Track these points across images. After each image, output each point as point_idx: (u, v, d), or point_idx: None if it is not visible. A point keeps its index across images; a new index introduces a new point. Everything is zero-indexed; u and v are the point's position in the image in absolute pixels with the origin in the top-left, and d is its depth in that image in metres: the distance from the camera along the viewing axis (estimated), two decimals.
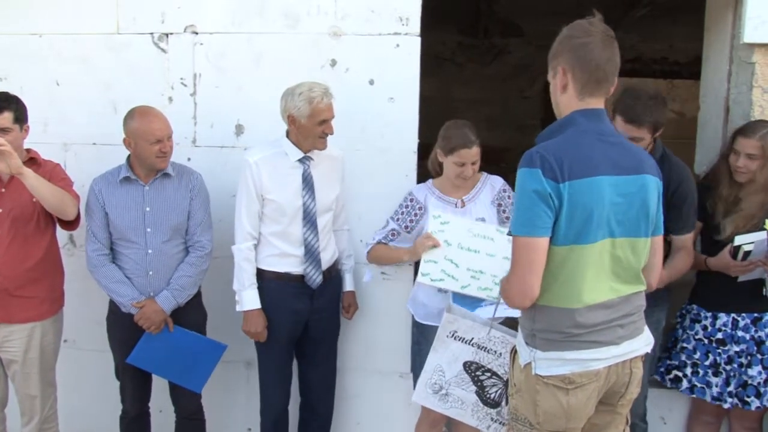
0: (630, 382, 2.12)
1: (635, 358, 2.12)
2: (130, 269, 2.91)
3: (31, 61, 3.32)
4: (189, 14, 3.23)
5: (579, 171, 1.92)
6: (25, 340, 2.86)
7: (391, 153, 3.19)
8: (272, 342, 2.98)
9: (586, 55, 1.98)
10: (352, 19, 3.16)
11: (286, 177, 2.90)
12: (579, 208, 1.92)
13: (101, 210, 2.89)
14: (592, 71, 1.98)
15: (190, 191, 2.94)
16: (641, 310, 2.14)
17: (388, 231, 3.01)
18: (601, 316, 2.02)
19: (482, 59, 7.02)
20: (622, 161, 2.01)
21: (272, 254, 2.95)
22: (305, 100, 2.77)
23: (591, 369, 2.01)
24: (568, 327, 2.00)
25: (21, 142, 2.85)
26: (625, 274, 2.06)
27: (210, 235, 3.00)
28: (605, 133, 2.03)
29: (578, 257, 1.96)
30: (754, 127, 2.82)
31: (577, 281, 1.98)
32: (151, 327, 2.86)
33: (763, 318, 2.87)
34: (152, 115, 2.85)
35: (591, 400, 2.05)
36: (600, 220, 1.95)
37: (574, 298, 1.99)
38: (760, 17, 2.98)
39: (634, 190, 2.01)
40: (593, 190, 1.93)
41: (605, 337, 2.03)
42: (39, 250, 2.86)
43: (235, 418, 3.46)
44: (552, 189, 1.90)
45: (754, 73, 3.04)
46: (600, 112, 2.04)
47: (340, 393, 3.26)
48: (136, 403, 3.09)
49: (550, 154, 1.92)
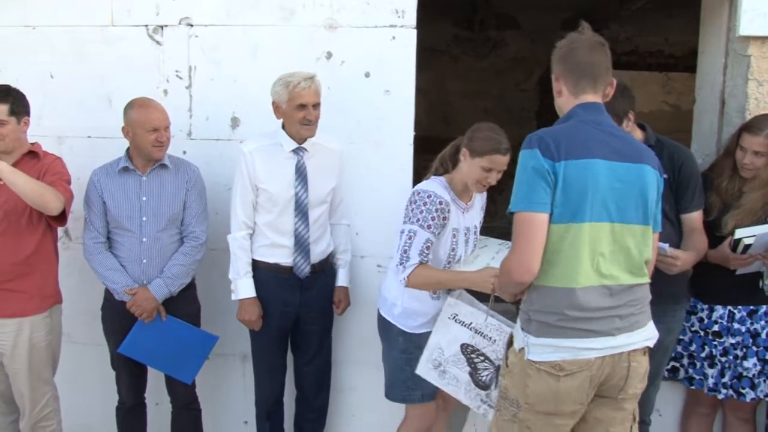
0: (629, 375, 2.11)
1: (634, 352, 2.11)
2: (125, 257, 2.94)
3: (25, 54, 3.30)
4: (184, 6, 3.22)
5: (575, 152, 2.00)
6: (12, 335, 2.85)
7: (386, 146, 3.19)
8: (263, 333, 3.02)
9: (574, 58, 2.12)
10: (348, 11, 3.15)
11: (279, 167, 2.91)
12: (574, 187, 1.99)
13: (99, 199, 2.93)
14: (582, 70, 2.12)
15: (187, 183, 2.98)
16: (644, 303, 2.14)
17: (423, 245, 2.57)
18: (599, 301, 2.04)
19: (478, 52, 7.01)
20: (621, 149, 2.07)
21: (264, 244, 2.97)
22: (283, 85, 2.82)
23: (582, 358, 2.04)
24: (565, 308, 2.02)
25: (19, 135, 2.84)
26: (627, 262, 2.08)
27: (205, 226, 3.02)
28: (604, 124, 2.11)
29: (575, 236, 2.00)
30: (760, 124, 2.79)
31: (575, 260, 2.02)
32: (142, 314, 2.87)
33: (758, 310, 2.88)
34: (151, 106, 2.91)
35: (583, 387, 2.07)
36: (595, 200, 2.01)
37: (571, 278, 2.02)
38: (756, 10, 2.98)
39: (632, 178, 2.06)
40: (588, 171, 2.00)
41: (601, 327, 2.05)
42: (30, 244, 2.85)
43: (231, 410, 3.46)
44: (549, 166, 1.99)
45: (749, 65, 3.05)
46: (598, 105, 2.13)
47: (335, 386, 3.27)
48: (132, 393, 3.10)
49: (548, 136, 2.03)
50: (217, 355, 3.19)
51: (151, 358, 2.98)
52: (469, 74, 6.99)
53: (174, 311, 2.96)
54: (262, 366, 3.11)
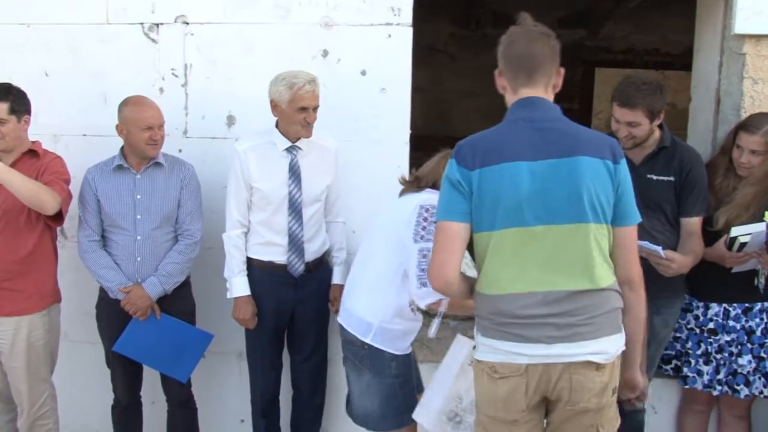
0: (573, 389, 1.97)
1: (574, 365, 1.96)
2: (119, 255, 2.94)
3: (19, 52, 3.29)
4: (179, 4, 3.21)
5: (492, 158, 1.96)
6: (11, 333, 2.85)
7: (383, 144, 3.19)
8: (258, 331, 3.02)
9: (512, 51, 2.06)
10: (344, 9, 3.14)
11: (273, 166, 2.92)
12: (489, 195, 1.96)
13: (94, 197, 2.93)
14: (520, 63, 2.04)
15: (181, 181, 2.98)
16: (592, 313, 1.96)
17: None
18: (528, 308, 1.96)
19: (474, 50, 7.01)
20: (550, 145, 1.96)
21: (258, 243, 2.98)
22: (286, 86, 2.80)
23: (514, 362, 1.98)
24: (492, 313, 2.01)
25: (19, 134, 2.83)
26: (563, 266, 1.96)
27: (200, 224, 3.02)
28: (537, 119, 2.01)
29: (495, 244, 1.98)
30: (757, 123, 2.79)
31: (496, 268, 2.00)
32: (137, 312, 2.87)
33: (753, 308, 2.89)
34: (145, 104, 2.91)
35: (517, 393, 1.99)
36: (512, 206, 1.94)
37: (495, 285, 2.00)
38: (751, 8, 2.98)
39: (561, 175, 1.94)
40: (505, 176, 1.95)
41: (530, 333, 1.96)
42: (28, 243, 2.84)
43: (228, 408, 3.46)
44: (462, 176, 1.98)
45: (744, 64, 3.05)
46: (533, 100, 2.04)
47: (332, 384, 3.27)
48: (127, 392, 3.10)
49: (467, 144, 2.01)
50: (213, 353, 3.19)
51: (146, 357, 2.98)
52: (466, 72, 6.99)
53: (169, 309, 2.96)
54: (256, 364, 3.11)
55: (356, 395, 2.63)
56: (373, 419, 2.59)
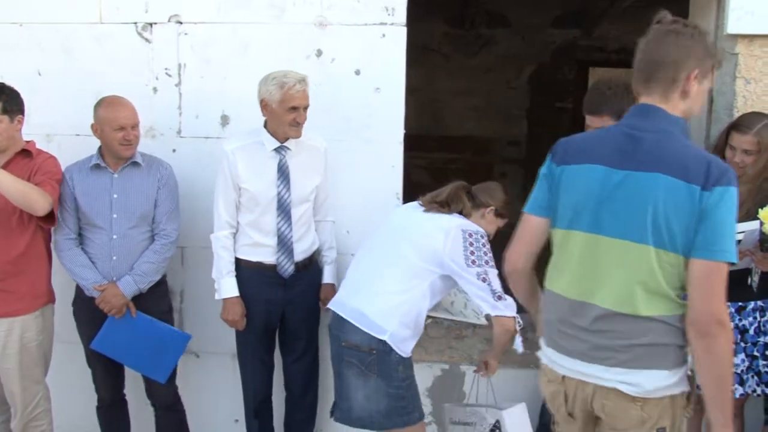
0: (605, 412, 1.91)
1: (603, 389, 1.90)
2: (95, 253, 2.94)
3: (12, 51, 3.27)
4: (173, 3, 3.20)
5: (578, 157, 1.96)
6: (2, 335, 2.83)
7: (376, 144, 3.19)
8: (248, 331, 3.02)
9: (637, 55, 1.94)
10: (338, 9, 3.14)
11: (261, 166, 2.91)
12: (565, 193, 1.97)
13: (71, 196, 2.93)
14: (638, 68, 1.94)
15: (158, 180, 2.97)
16: (633, 340, 1.83)
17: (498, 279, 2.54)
18: (558, 310, 1.98)
19: (468, 50, 7.01)
20: (636, 156, 1.83)
21: (246, 243, 2.97)
22: (277, 85, 2.79)
23: (554, 369, 2.03)
24: (548, 312, 2.06)
25: (12, 134, 2.81)
26: (607, 282, 1.86)
27: (176, 224, 3.02)
28: (636, 127, 1.88)
29: (561, 242, 2.00)
30: (748, 123, 2.78)
31: (558, 266, 2.02)
32: (111, 310, 2.87)
33: (747, 307, 2.90)
34: (119, 104, 2.91)
35: (559, 401, 2.03)
36: (580, 208, 1.91)
37: (556, 282, 2.03)
38: (743, 8, 2.99)
39: (632, 188, 1.82)
40: (581, 177, 1.93)
41: (569, 345, 1.96)
42: (20, 244, 2.83)
43: (221, 409, 3.45)
44: (550, 170, 2.01)
45: (737, 64, 3.06)
46: (644, 108, 1.91)
47: (324, 384, 3.26)
48: (109, 391, 3.11)
49: (565, 141, 2.04)
50: (207, 353, 3.18)
51: (123, 356, 2.97)
52: (460, 72, 6.99)
53: (144, 308, 2.95)
54: (247, 365, 3.11)
55: (360, 400, 2.62)
56: (378, 419, 2.62)
